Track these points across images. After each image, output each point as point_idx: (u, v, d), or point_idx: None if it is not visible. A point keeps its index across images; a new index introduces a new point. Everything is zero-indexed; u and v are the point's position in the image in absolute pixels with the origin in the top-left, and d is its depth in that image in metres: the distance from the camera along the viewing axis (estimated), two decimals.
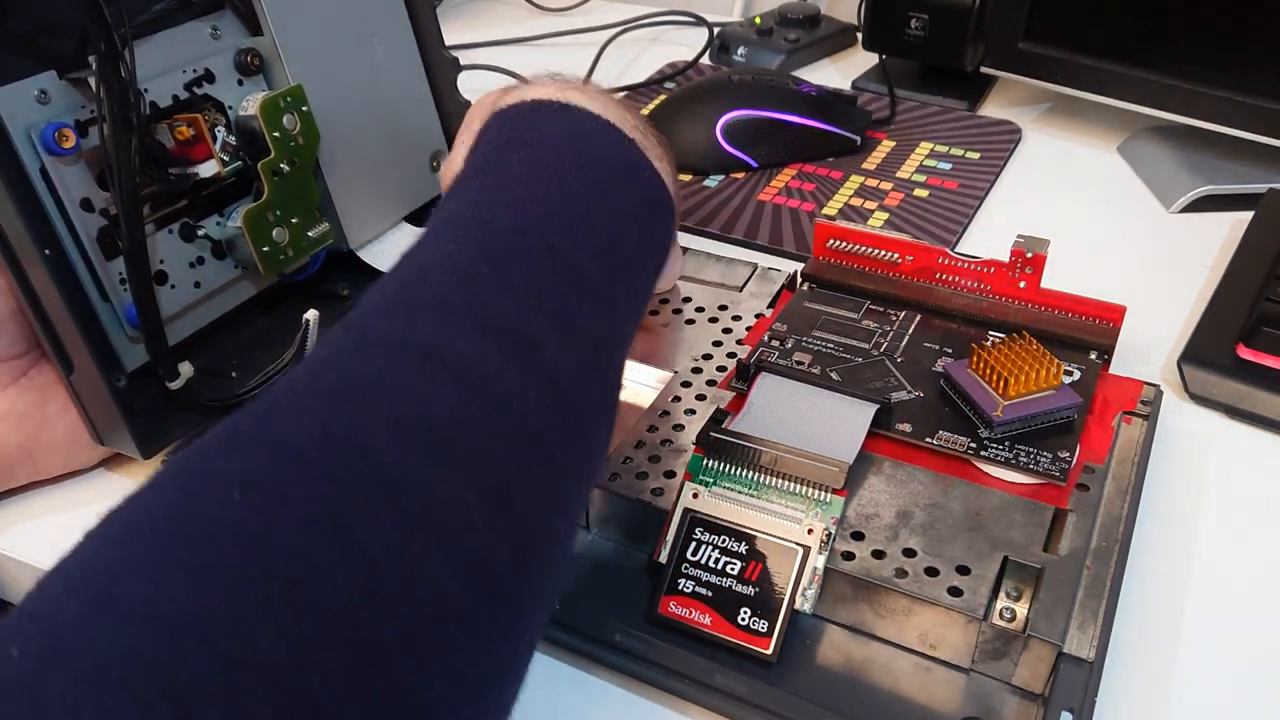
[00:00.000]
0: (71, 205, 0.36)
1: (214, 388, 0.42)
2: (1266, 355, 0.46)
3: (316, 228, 0.44)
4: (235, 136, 0.41)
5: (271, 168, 0.41)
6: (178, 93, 0.40)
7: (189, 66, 0.40)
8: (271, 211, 0.42)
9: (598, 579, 0.38)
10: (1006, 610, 0.34)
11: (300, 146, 0.43)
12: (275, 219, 0.42)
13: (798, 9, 0.82)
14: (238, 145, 0.41)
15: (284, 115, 0.42)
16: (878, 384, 0.42)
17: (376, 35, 0.47)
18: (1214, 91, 0.60)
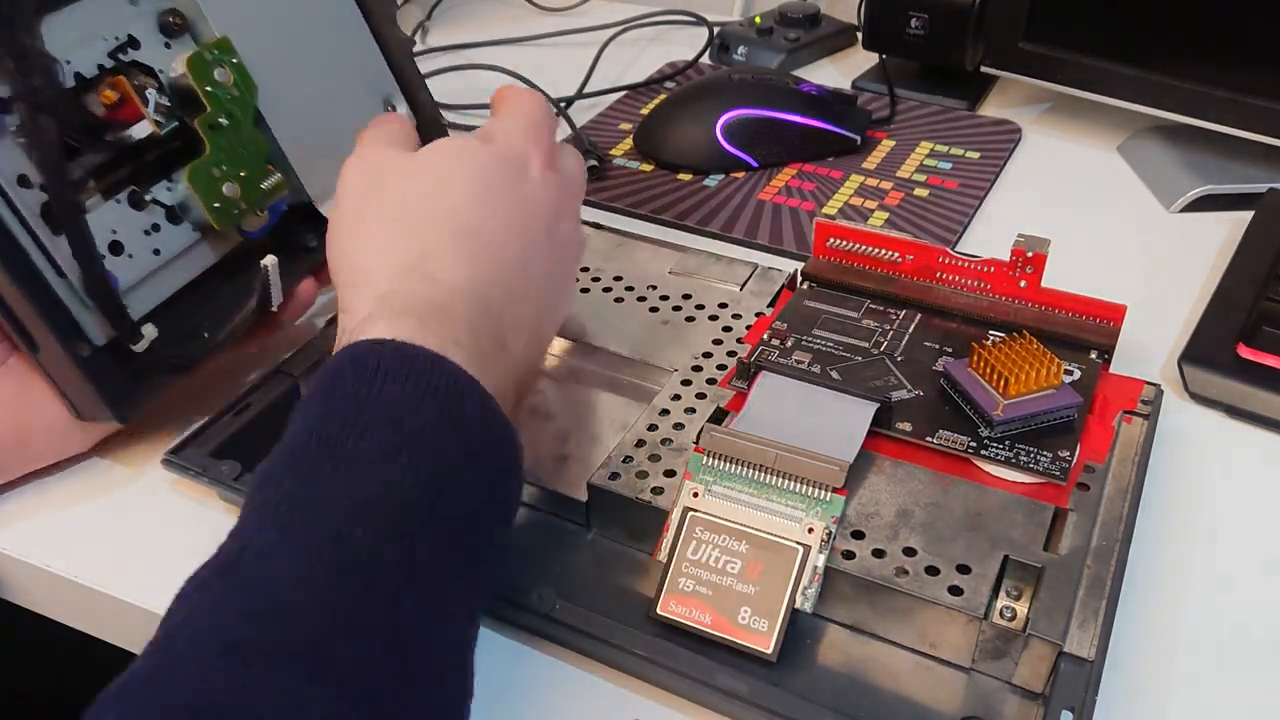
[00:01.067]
0: (9, 184, 0.36)
1: (186, 348, 0.42)
2: (1267, 355, 0.46)
3: (268, 179, 0.43)
4: (170, 99, 0.41)
5: (209, 122, 0.41)
6: (102, 62, 0.39)
7: (109, 35, 0.40)
8: (217, 167, 0.41)
9: (598, 579, 0.38)
10: (1007, 609, 0.34)
11: (237, 98, 0.42)
12: (223, 174, 0.42)
13: (798, 8, 0.82)
14: (173, 107, 0.41)
15: (214, 69, 0.41)
16: (878, 383, 0.42)
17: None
18: (1214, 91, 0.60)
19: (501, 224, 0.37)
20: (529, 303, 0.38)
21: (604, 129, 0.70)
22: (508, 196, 0.38)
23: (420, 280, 0.35)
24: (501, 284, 0.37)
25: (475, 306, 0.35)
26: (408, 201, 0.37)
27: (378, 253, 0.36)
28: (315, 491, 0.29)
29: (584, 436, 0.42)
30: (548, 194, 0.39)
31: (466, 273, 0.36)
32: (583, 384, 0.45)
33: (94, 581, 0.39)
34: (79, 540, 0.41)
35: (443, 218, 0.37)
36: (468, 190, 0.37)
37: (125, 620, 0.39)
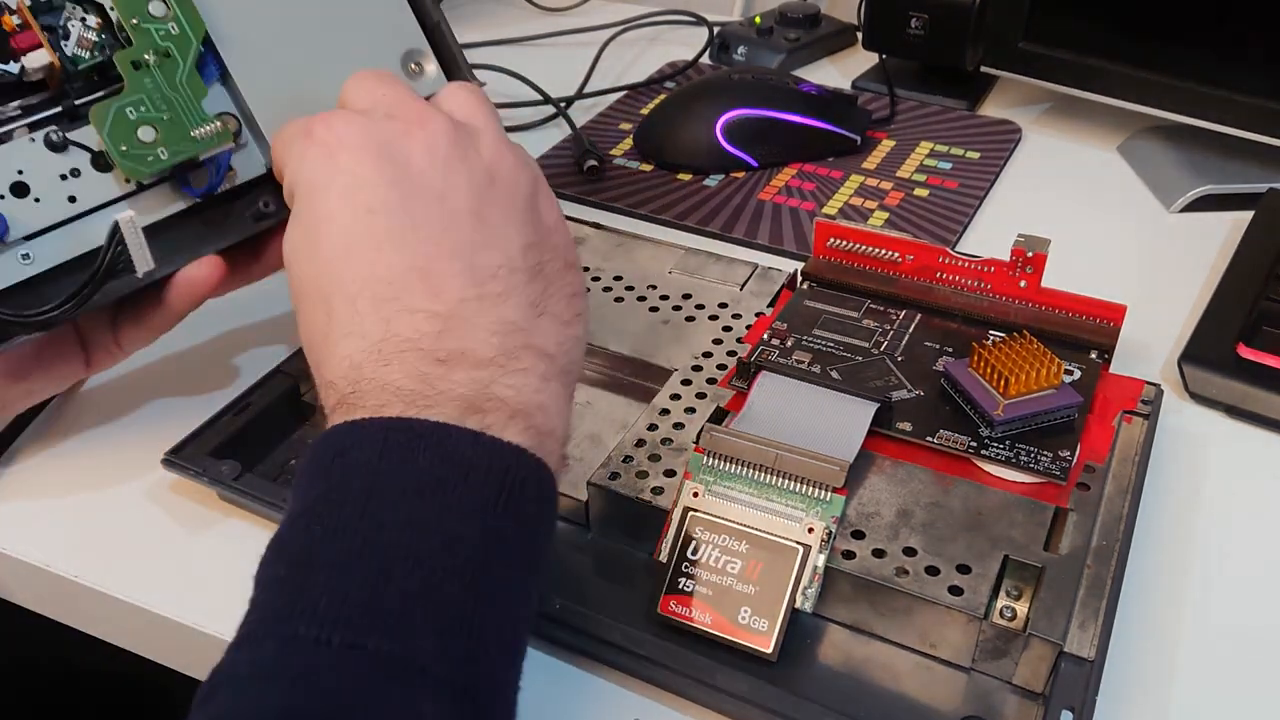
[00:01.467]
0: None
1: (28, 311, 0.37)
2: (1266, 355, 0.46)
3: (202, 127, 0.38)
4: (100, 32, 0.38)
5: (131, 58, 0.37)
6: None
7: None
8: (133, 107, 0.37)
9: (598, 579, 0.38)
10: (1007, 609, 0.34)
11: (175, 35, 0.38)
12: (140, 115, 0.37)
13: (798, 8, 0.82)
14: (103, 41, 0.38)
15: (150, 2, 0.38)
16: (878, 383, 0.42)
17: None
18: (1214, 91, 0.60)
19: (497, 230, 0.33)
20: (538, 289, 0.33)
21: (604, 129, 0.70)
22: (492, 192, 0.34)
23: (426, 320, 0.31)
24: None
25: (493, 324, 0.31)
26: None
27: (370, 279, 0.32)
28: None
29: (584, 436, 0.42)
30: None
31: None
32: (583, 384, 0.45)
33: (94, 581, 0.39)
34: (78, 540, 0.41)
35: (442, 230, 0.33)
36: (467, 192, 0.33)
37: (125, 620, 0.39)
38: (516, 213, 0.33)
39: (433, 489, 0.28)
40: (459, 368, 0.30)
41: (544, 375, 0.31)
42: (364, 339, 0.30)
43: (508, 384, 0.30)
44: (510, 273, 0.32)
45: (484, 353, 0.30)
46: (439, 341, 0.30)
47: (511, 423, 0.29)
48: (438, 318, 0.30)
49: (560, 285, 0.34)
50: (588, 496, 0.39)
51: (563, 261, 0.34)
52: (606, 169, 0.65)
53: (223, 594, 0.38)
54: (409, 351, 0.30)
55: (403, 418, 0.29)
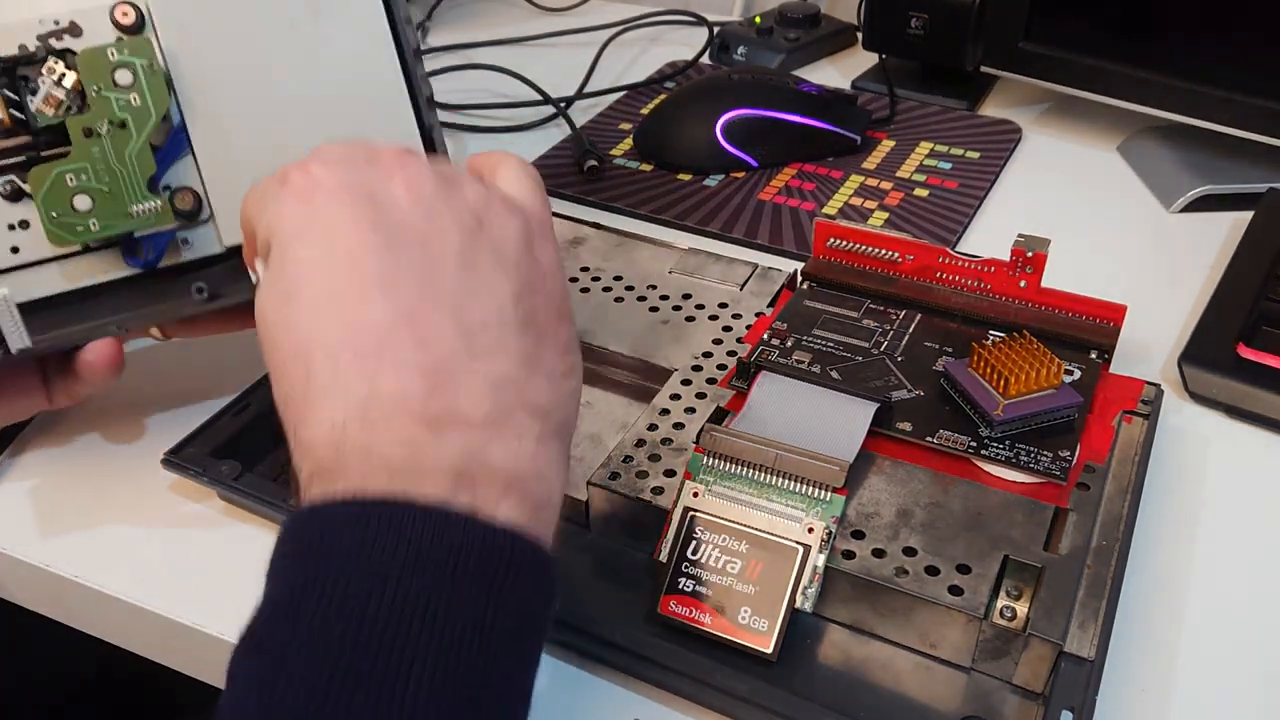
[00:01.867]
0: None
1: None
2: (1266, 355, 0.46)
3: (143, 204, 0.38)
4: (71, 93, 0.37)
5: (83, 125, 0.37)
6: (26, 43, 0.37)
7: (51, 18, 0.37)
8: (75, 174, 0.37)
9: (598, 579, 0.38)
10: (1007, 609, 0.34)
11: (135, 108, 0.37)
12: (80, 183, 0.37)
13: (798, 8, 0.82)
14: (69, 101, 0.37)
15: (115, 70, 0.37)
16: (878, 383, 0.42)
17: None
18: (1214, 91, 0.60)
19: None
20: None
21: (604, 129, 0.70)
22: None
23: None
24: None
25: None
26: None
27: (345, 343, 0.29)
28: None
29: (584, 436, 0.42)
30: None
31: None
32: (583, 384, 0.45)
33: (94, 581, 0.39)
34: (78, 540, 0.41)
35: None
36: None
37: (125, 620, 0.39)
38: (508, 257, 0.31)
39: (420, 587, 0.25)
40: (450, 430, 0.27)
41: (539, 436, 0.29)
42: (348, 398, 0.28)
43: (501, 450, 0.28)
44: (501, 324, 0.30)
45: (476, 413, 0.28)
46: (428, 401, 0.28)
47: (505, 497, 0.27)
48: (426, 374, 0.28)
49: (554, 337, 0.31)
50: (588, 496, 0.39)
51: (556, 312, 0.32)
52: (606, 169, 0.65)
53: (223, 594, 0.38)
54: (397, 413, 0.27)
55: (388, 499, 0.26)
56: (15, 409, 0.42)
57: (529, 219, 0.33)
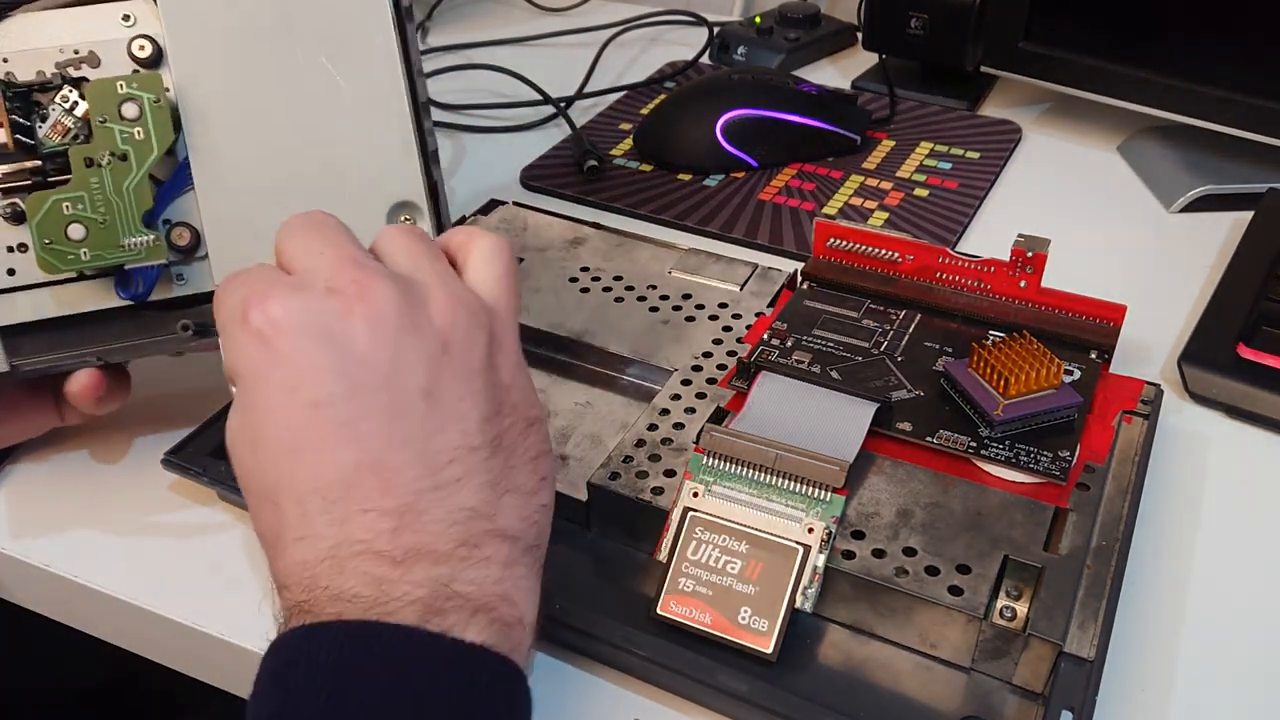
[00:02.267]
0: None
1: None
2: (1266, 355, 0.46)
3: (137, 238, 0.38)
4: (80, 121, 0.38)
5: (85, 155, 0.37)
6: (44, 69, 0.38)
7: (71, 47, 0.38)
8: (71, 203, 0.37)
9: (598, 579, 0.38)
10: (1007, 609, 0.34)
11: (138, 141, 0.38)
12: (75, 212, 0.37)
13: (798, 8, 0.82)
14: (77, 129, 0.38)
15: (122, 102, 0.37)
16: (878, 383, 0.42)
17: (339, 47, 0.39)
18: (1214, 91, 0.60)
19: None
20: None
21: (604, 129, 0.70)
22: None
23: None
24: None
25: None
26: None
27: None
28: None
29: (584, 436, 0.42)
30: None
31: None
32: (583, 384, 0.45)
33: (94, 581, 0.39)
34: (79, 540, 0.41)
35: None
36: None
37: (125, 620, 0.39)
38: (474, 380, 0.31)
39: (392, 703, 0.26)
40: (417, 567, 0.28)
41: (507, 561, 0.30)
42: (316, 544, 0.28)
43: (469, 579, 0.28)
44: (468, 453, 0.30)
45: (443, 546, 0.28)
46: (395, 540, 0.28)
47: (473, 620, 0.28)
48: (391, 515, 0.28)
49: (522, 452, 0.31)
50: (588, 496, 0.39)
51: (524, 422, 0.32)
52: (606, 169, 0.65)
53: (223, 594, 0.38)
54: (364, 555, 0.28)
55: (359, 622, 0.27)
56: (28, 426, 0.42)
57: (494, 323, 0.32)
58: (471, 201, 0.59)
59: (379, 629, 0.27)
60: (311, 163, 0.40)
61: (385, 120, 0.40)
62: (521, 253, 0.52)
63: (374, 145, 0.40)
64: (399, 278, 0.31)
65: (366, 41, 0.39)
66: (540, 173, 0.65)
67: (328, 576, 0.28)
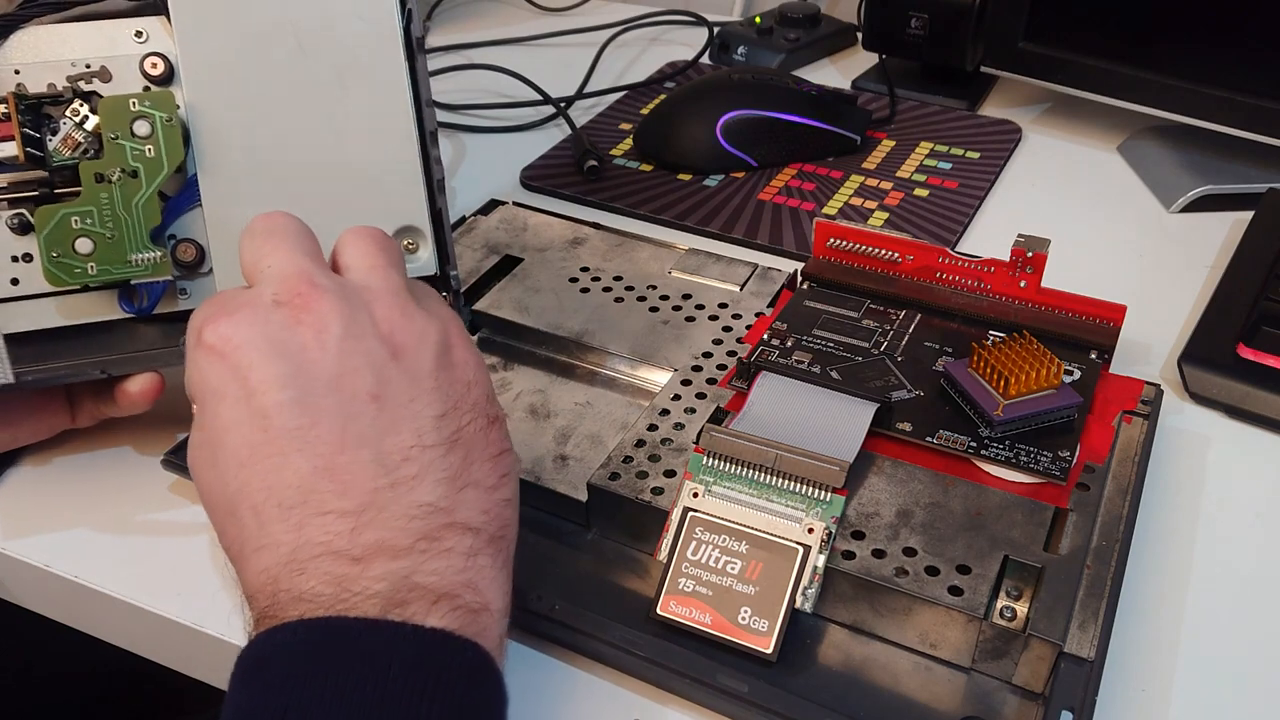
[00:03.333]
0: None
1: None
2: (1267, 355, 0.46)
3: (143, 254, 0.38)
4: (87, 136, 0.38)
5: (96, 170, 0.37)
6: (56, 82, 0.38)
7: (84, 60, 0.38)
8: (80, 217, 0.38)
9: (598, 579, 0.38)
10: (1007, 609, 0.34)
11: (149, 159, 0.38)
12: (83, 227, 0.38)
13: (798, 8, 0.82)
14: (87, 144, 0.38)
15: (134, 120, 0.38)
16: (878, 383, 0.42)
17: (351, 73, 0.39)
18: (1214, 91, 0.60)
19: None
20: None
21: (604, 129, 0.70)
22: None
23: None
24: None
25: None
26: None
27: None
28: None
29: (584, 436, 0.42)
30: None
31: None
32: (583, 384, 0.45)
33: (94, 581, 0.39)
34: (79, 540, 0.41)
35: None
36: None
37: (125, 620, 0.39)
38: (425, 382, 0.31)
39: (355, 690, 0.26)
40: (376, 562, 0.28)
41: (469, 552, 0.30)
42: (277, 550, 0.29)
43: (429, 570, 0.29)
44: (423, 450, 0.30)
45: (402, 542, 0.29)
46: (354, 539, 0.29)
47: (435, 608, 0.28)
48: (349, 515, 0.29)
49: (482, 448, 0.32)
50: (588, 496, 0.39)
51: (485, 419, 0.32)
52: (606, 169, 0.65)
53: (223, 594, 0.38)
54: (323, 556, 0.28)
55: (320, 618, 0.28)
56: (41, 428, 0.43)
57: (448, 325, 0.33)
58: (471, 201, 0.59)
59: (340, 622, 0.27)
60: (318, 184, 0.40)
61: (393, 147, 0.40)
62: (521, 253, 0.52)
63: (380, 170, 0.40)
64: (343, 286, 0.32)
65: (377, 69, 0.40)
66: (540, 173, 0.65)
67: (288, 579, 0.28)
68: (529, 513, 0.40)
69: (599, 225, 0.55)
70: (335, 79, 0.39)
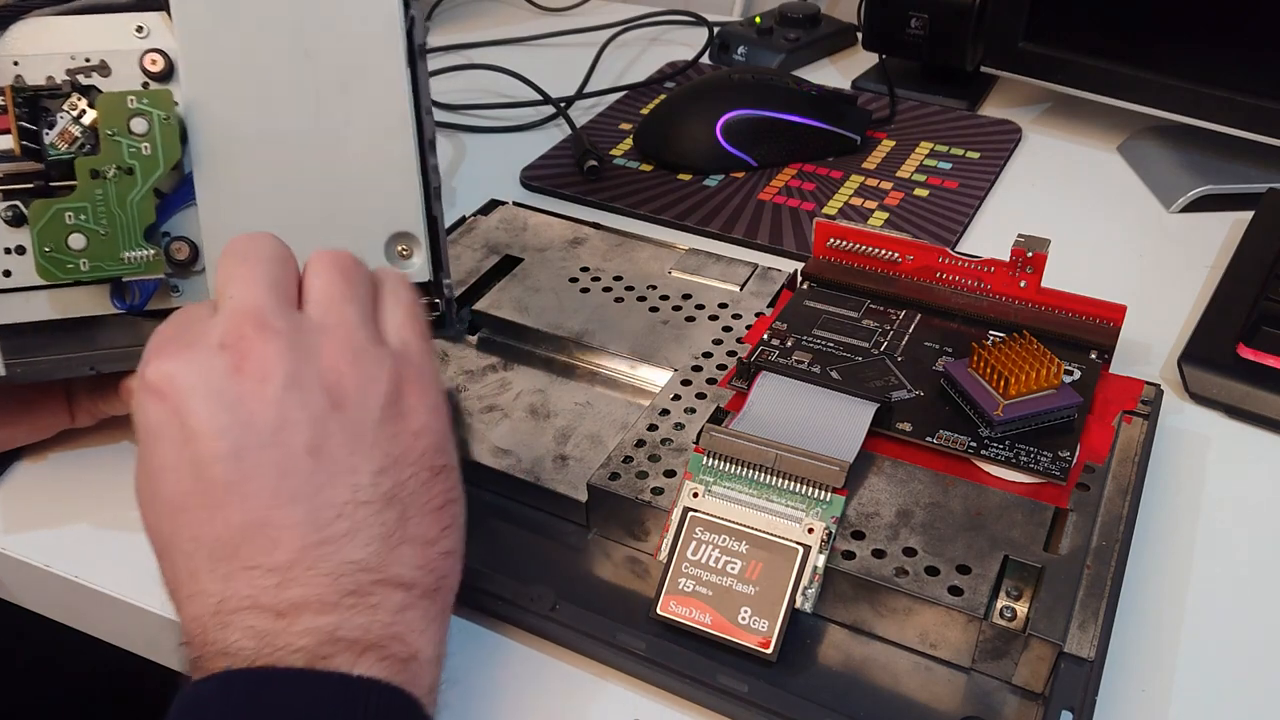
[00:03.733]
0: None
1: None
2: (1266, 355, 0.46)
3: (136, 251, 0.38)
4: (87, 130, 0.38)
5: (91, 166, 0.37)
6: (54, 74, 0.38)
7: (83, 54, 0.38)
8: (74, 213, 0.37)
9: (598, 579, 0.38)
10: (1007, 609, 0.34)
11: (144, 156, 0.38)
12: (77, 223, 0.37)
13: (798, 8, 0.82)
14: (84, 139, 0.38)
15: (131, 117, 0.37)
16: (878, 383, 0.42)
17: (352, 78, 0.39)
18: (1214, 91, 0.60)
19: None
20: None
21: (604, 129, 0.70)
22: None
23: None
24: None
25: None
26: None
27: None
28: None
29: (584, 436, 0.42)
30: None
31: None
32: (583, 384, 0.45)
33: (94, 581, 0.39)
34: (79, 540, 0.41)
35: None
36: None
37: (125, 620, 0.39)
38: (366, 434, 0.30)
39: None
40: (301, 618, 0.28)
41: (398, 607, 0.29)
42: (205, 600, 0.29)
43: (355, 625, 0.29)
44: (357, 506, 0.30)
45: (329, 598, 0.29)
46: (279, 594, 0.28)
47: (361, 659, 0.28)
48: (276, 571, 0.29)
49: (423, 502, 0.31)
50: (588, 496, 0.39)
51: (428, 472, 0.31)
52: (606, 169, 0.65)
53: None
54: (248, 609, 0.28)
55: (245, 669, 0.27)
56: (40, 427, 0.43)
57: (402, 368, 0.32)
58: (471, 202, 0.59)
59: (265, 673, 0.27)
60: (315, 188, 0.40)
61: (391, 153, 0.40)
62: (521, 253, 0.52)
63: (378, 175, 0.40)
64: (296, 328, 0.31)
65: (379, 75, 0.39)
66: (540, 173, 0.65)
67: (214, 631, 0.28)
68: (529, 513, 0.40)
69: (599, 225, 0.55)
70: (336, 83, 0.39)
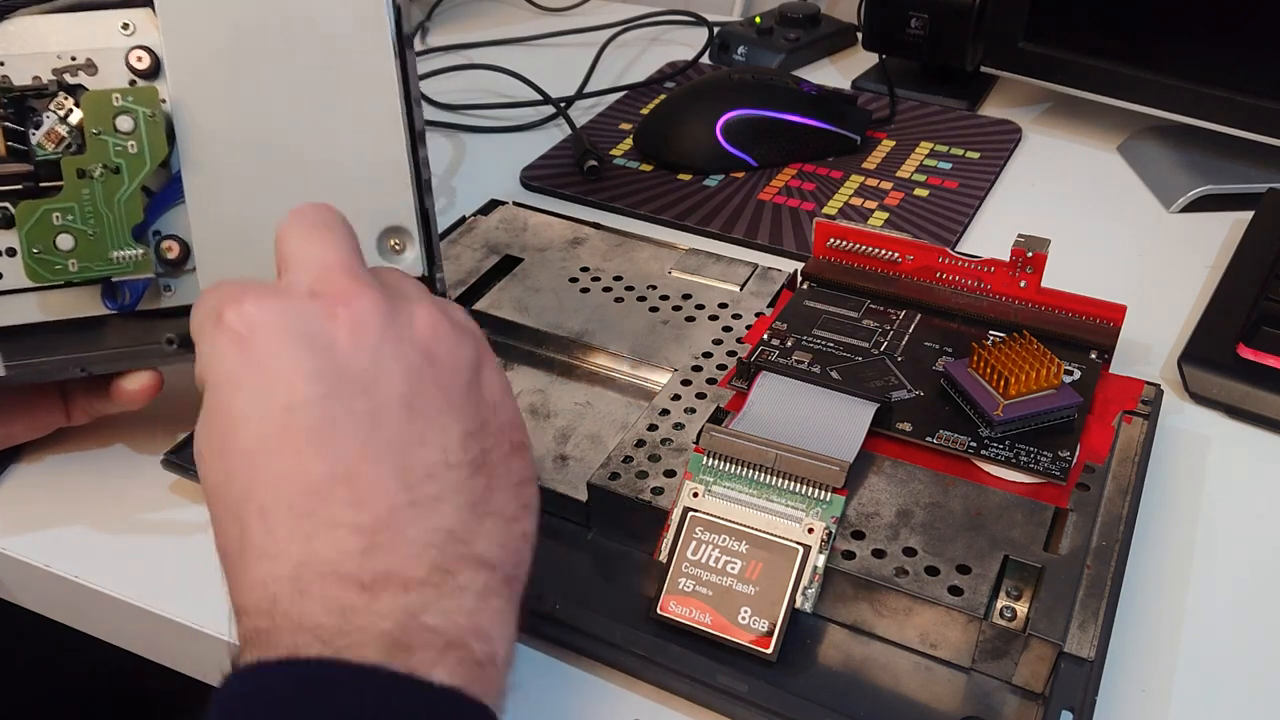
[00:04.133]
0: None
1: None
2: (1267, 355, 0.46)
3: (125, 251, 0.38)
4: (73, 130, 0.38)
5: (78, 166, 0.37)
6: (40, 74, 0.38)
7: (69, 53, 0.38)
8: (61, 213, 0.37)
9: (598, 579, 0.38)
10: (1007, 609, 0.34)
11: (131, 154, 0.37)
12: (65, 223, 0.37)
13: (798, 8, 0.82)
14: (71, 139, 0.37)
15: (117, 115, 0.37)
16: (878, 383, 0.42)
17: (340, 70, 0.39)
18: (1214, 91, 0.60)
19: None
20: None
21: (604, 129, 0.70)
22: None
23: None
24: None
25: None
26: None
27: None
28: None
29: (584, 436, 0.42)
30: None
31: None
32: (583, 384, 0.45)
33: (93, 581, 0.39)
34: (79, 540, 0.41)
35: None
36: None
37: (125, 620, 0.39)
38: (456, 395, 0.29)
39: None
40: (385, 593, 0.26)
41: (483, 591, 0.27)
42: (280, 562, 0.26)
43: (441, 609, 0.26)
44: (448, 469, 0.28)
45: (415, 572, 0.26)
46: (364, 561, 0.26)
47: (443, 658, 0.26)
48: (363, 532, 0.26)
49: (505, 475, 0.29)
50: (588, 496, 0.39)
51: (509, 445, 0.30)
52: (606, 169, 0.65)
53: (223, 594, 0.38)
54: (329, 576, 0.26)
55: (317, 661, 0.25)
56: (36, 426, 0.42)
57: (479, 344, 0.31)
58: (471, 201, 0.59)
59: (336, 672, 0.25)
60: (305, 183, 0.39)
61: (381, 146, 0.39)
62: (521, 253, 0.52)
63: (368, 169, 0.39)
64: (386, 287, 0.30)
65: (367, 67, 0.39)
66: (540, 173, 0.65)
67: (289, 600, 0.26)
68: None
69: (599, 225, 0.55)
70: (323, 76, 0.39)
